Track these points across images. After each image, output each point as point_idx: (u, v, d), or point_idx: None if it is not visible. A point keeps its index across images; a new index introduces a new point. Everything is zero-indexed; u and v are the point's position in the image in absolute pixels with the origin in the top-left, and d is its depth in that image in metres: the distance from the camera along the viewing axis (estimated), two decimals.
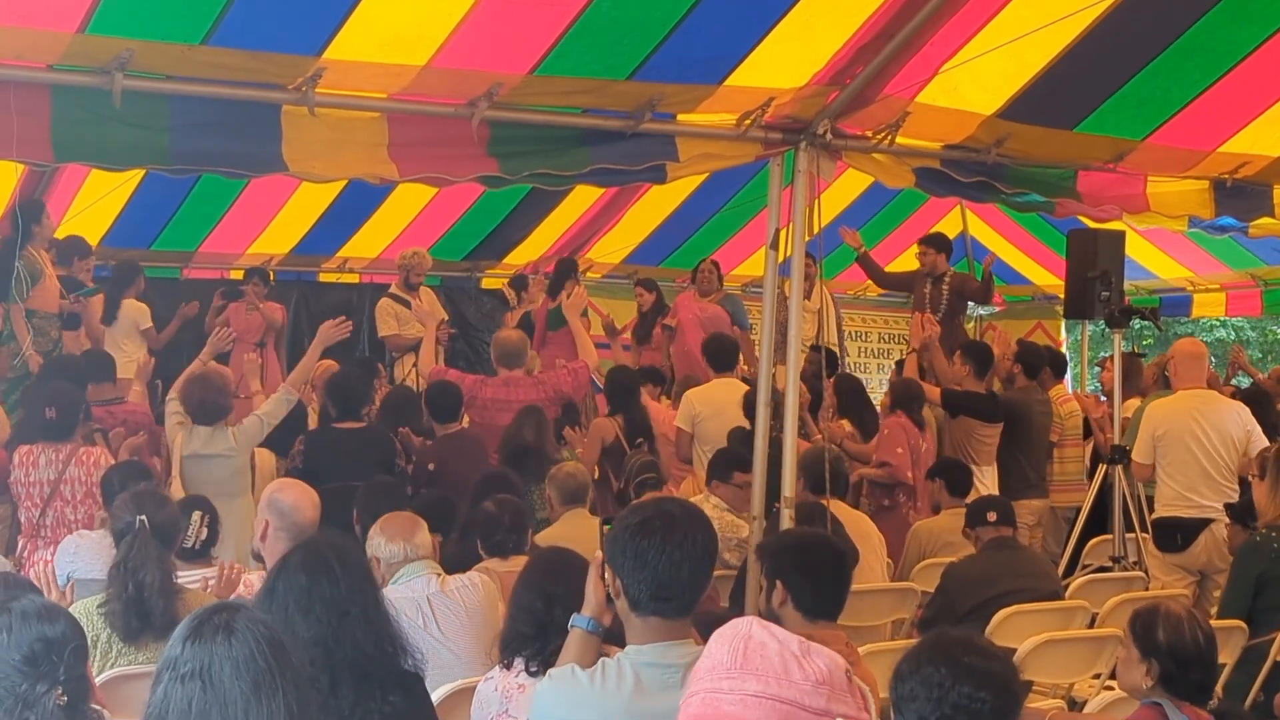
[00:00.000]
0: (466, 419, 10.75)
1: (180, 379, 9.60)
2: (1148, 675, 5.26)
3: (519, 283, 15.70)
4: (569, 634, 4.48)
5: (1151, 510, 10.36)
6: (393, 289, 14.49)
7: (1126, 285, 12.27)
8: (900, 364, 14.32)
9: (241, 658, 3.18)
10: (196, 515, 6.78)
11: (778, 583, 5.38)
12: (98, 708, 4.10)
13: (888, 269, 15.50)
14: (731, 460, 9.36)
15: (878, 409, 12.46)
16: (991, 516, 8.45)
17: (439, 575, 6.33)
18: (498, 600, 6.32)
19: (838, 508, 8.84)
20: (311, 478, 7.46)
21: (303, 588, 4.61)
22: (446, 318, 14.53)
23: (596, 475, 10.44)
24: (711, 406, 11.22)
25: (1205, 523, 9.71)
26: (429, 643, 5.95)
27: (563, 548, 5.56)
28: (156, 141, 7.28)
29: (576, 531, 7.83)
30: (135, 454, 9.24)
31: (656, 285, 15.49)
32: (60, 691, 3.75)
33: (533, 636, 4.99)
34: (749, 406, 10.56)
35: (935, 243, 14.30)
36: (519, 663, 4.99)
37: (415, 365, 13.24)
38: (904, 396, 11.65)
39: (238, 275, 15.06)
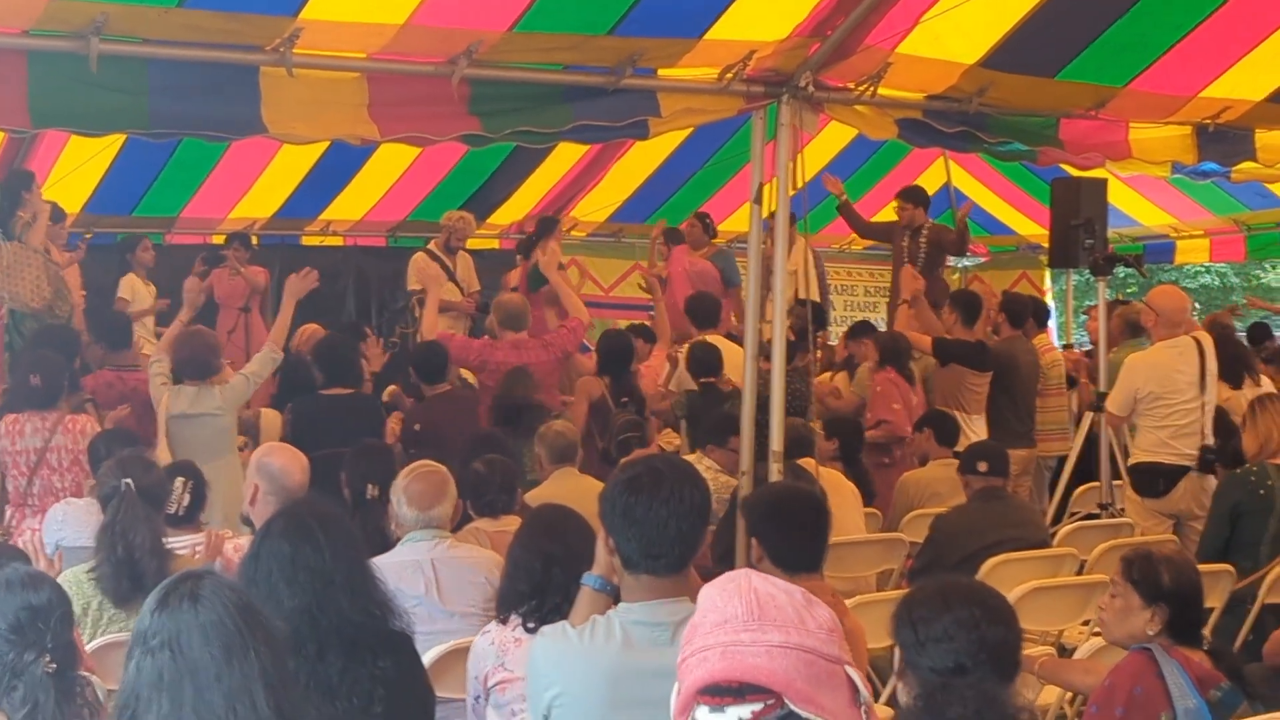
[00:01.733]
0: (475, 381, 10.74)
1: (164, 340, 9.56)
2: (1153, 621, 5.22)
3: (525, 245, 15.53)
4: (579, 592, 4.48)
5: (1126, 456, 10.39)
6: (431, 245, 14.26)
7: (1110, 233, 12.28)
8: (862, 323, 14.26)
9: (209, 624, 3.15)
10: (179, 481, 6.72)
11: (754, 540, 5.39)
12: (88, 674, 4.10)
13: (871, 221, 15.48)
14: (726, 424, 9.34)
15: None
16: (983, 466, 8.45)
17: (447, 540, 6.24)
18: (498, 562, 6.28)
19: (810, 465, 8.85)
20: (300, 445, 7.42)
21: (286, 556, 4.57)
22: (477, 289, 14.41)
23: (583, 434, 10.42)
24: None
25: (1185, 469, 9.74)
26: (430, 605, 5.96)
27: (561, 505, 5.53)
28: (135, 105, 7.25)
29: (566, 490, 7.82)
30: (121, 424, 9.21)
31: (681, 237, 15.22)
32: (49, 659, 3.74)
33: (529, 594, 4.99)
34: (693, 364, 10.58)
35: (913, 196, 14.28)
36: (515, 618, 4.99)
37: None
38: (892, 351, 11.62)
39: (220, 241, 15.02)
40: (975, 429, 11.41)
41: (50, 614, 3.80)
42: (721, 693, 2.53)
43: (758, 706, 2.51)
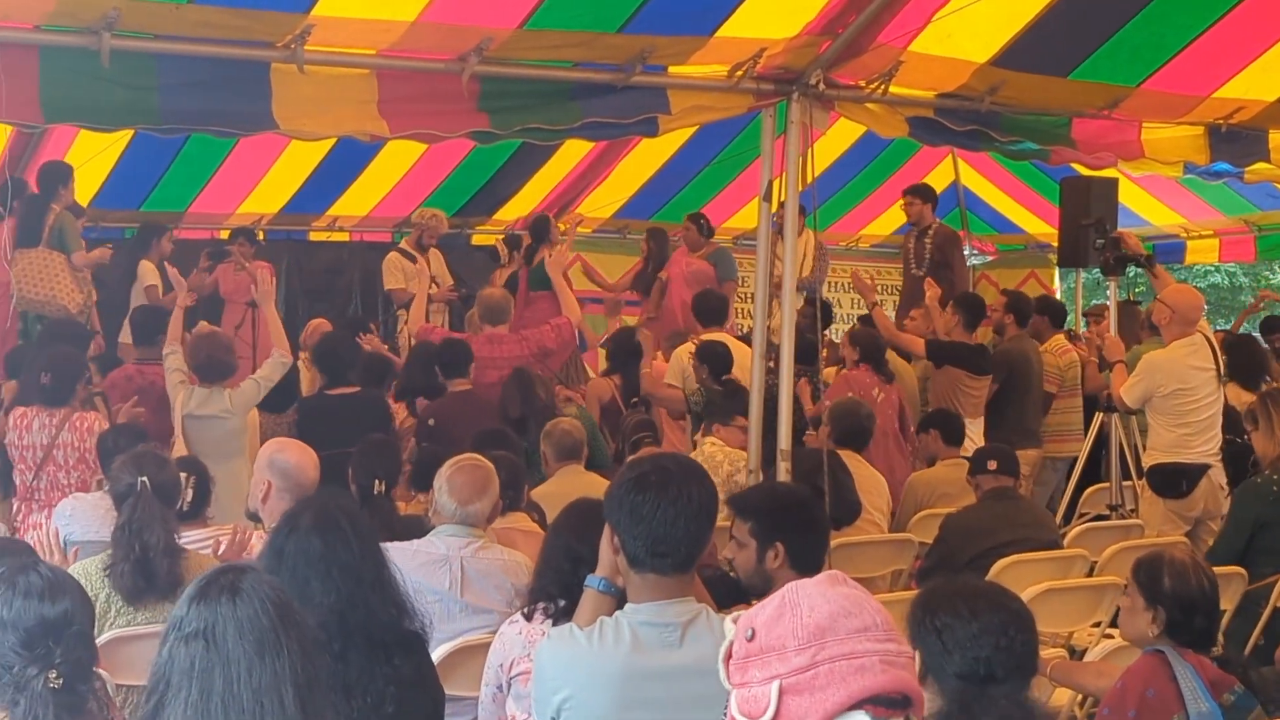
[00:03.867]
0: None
1: (174, 332, 9.52)
2: (1153, 623, 5.23)
3: (513, 241, 15.56)
4: (583, 594, 4.43)
5: (1137, 456, 10.35)
6: (403, 244, 14.45)
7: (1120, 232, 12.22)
8: (865, 317, 14.08)
9: (245, 618, 3.17)
10: (182, 477, 6.72)
11: (777, 544, 5.26)
12: (99, 672, 4.07)
13: (878, 220, 15.43)
14: (731, 404, 9.31)
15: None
16: (993, 465, 8.43)
17: (479, 540, 6.13)
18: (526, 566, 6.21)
19: (853, 459, 8.85)
20: (307, 444, 7.40)
21: (318, 552, 4.52)
22: (451, 283, 14.48)
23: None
24: None
25: (1204, 468, 9.68)
26: (451, 602, 5.92)
27: (593, 502, 5.45)
28: (145, 101, 7.26)
29: (571, 487, 7.79)
30: (132, 419, 9.20)
31: (663, 236, 15.18)
32: (55, 674, 3.70)
33: (557, 595, 4.94)
34: (709, 364, 10.53)
35: (921, 193, 14.22)
36: (538, 615, 4.95)
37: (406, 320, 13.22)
38: (869, 349, 11.45)
39: (227, 236, 14.98)
40: (972, 433, 11.31)
41: (64, 628, 3.76)
42: (890, 704, 2.51)
43: (909, 719, 2.53)
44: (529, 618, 4.98)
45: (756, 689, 2.52)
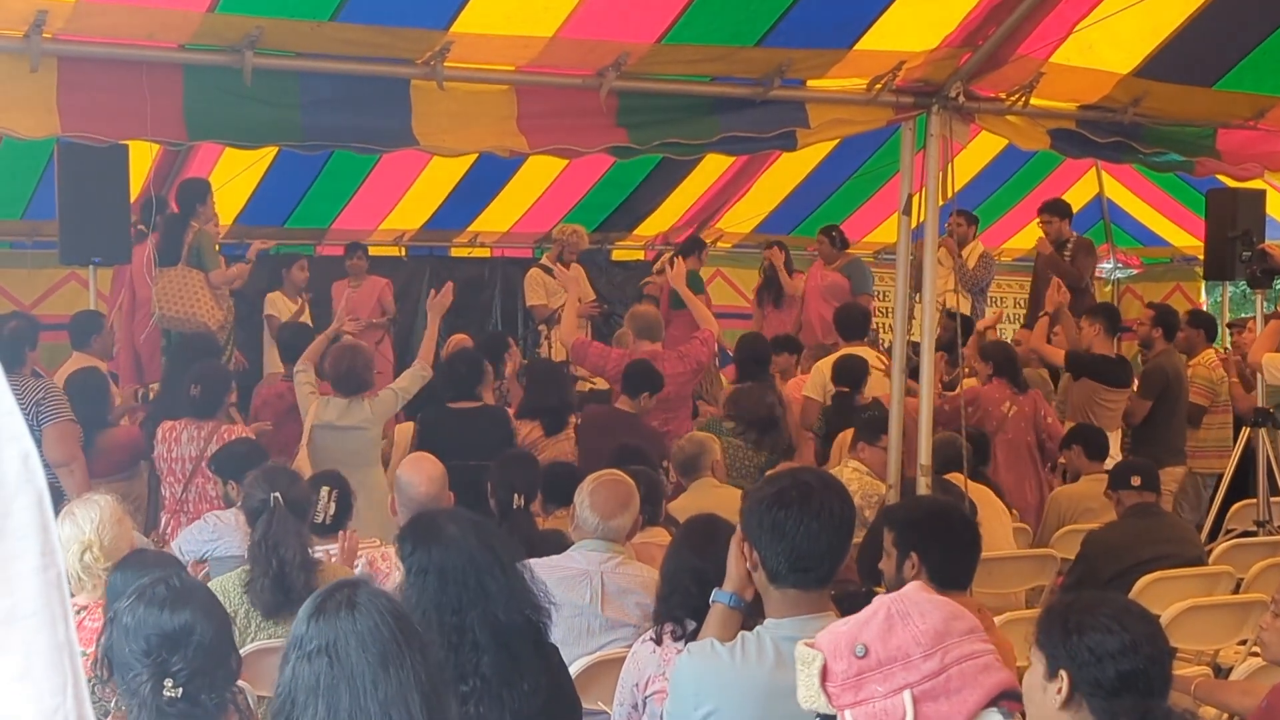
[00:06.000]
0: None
1: (311, 350, 9.60)
2: None
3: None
4: (710, 608, 4.41)
5: None
6: (544, 260, 14.51)
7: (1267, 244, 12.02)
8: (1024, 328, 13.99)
9: (366, 631, 3.20)
10: (324, 490, 6.78)
11: (912, 554, 5.29)
12: (241, 685, 4.12)
13: (1020, 234, 15.29)
14: (878, 422, 9.29)
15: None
16: (1136, 481, 8.32)
17: (620, 555, 6.11)
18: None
19: (958, 480, 8.77)
20: None
21: (422, 564, 4.51)
22: (594, 297, 14.56)
23: None
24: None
25: None
26: (592, 618, 5.92)
27: (711, 517, 5.42)
28: (288, 118, 7.37)
29: (706, 501, 7.79)
30: (261, 436, 9.28)
31: (783, 247, 15.11)
32: (172, 684, 3.74)
33: (685, 617, 4.92)
34: (836, 373, 10.48)
35: (1058, 209, 14.13)
36: (667, 638, 4.93)
37: (547, 336, 13.32)
38: (1002, 363, 11.31)
39: (373, 251, 15.17)
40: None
41: (183, 639, 3.79)
42: (1017, 698, 2.58)
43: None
44: (658, 640, 4.97)
45: (883, 702, 2.52)
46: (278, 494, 6.03)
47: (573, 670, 5.30)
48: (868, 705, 2.53)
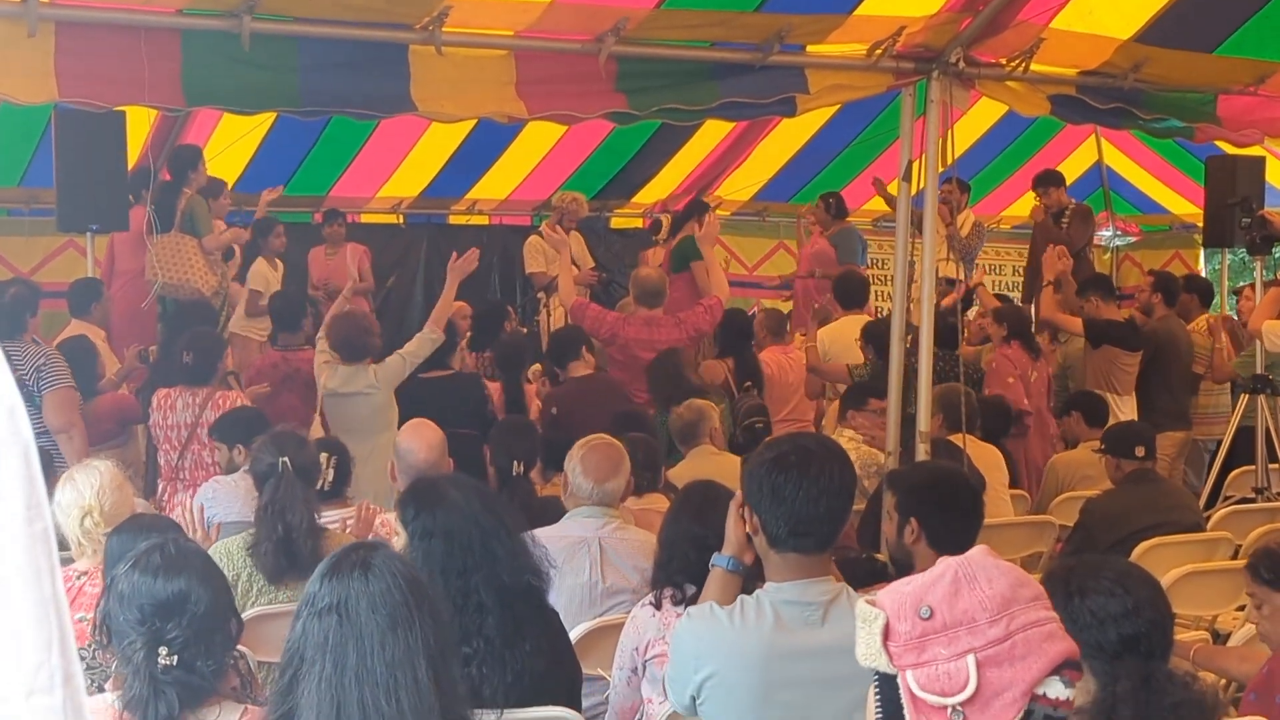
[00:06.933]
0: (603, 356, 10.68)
1: (327, 318, 9.64)
2: None
3: (655, 226, 15.52)
4: (710, 573, 4.43)
5: None
6: (543, 228, 14.42)
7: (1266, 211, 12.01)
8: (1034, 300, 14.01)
9: (378, 593, 3.24)
10: (323, 457, 6.79)
11: (912, 519, 5.29)
12: (241, 649, 4.11)
13: (1020, 201, 15.29)
14: (864, 389, 9.28)
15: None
16: (1139, 451, 8.31)
17: (616, 520, 6.16)
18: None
19: (968, 440, 8.76)
20: None
21: (425, 528, 4.54)
22: (592, 265, 14.53)
23: None
24: (839, 344, 11.12)
25: None
26: (593, 585, 5.93)
27: (709, 483, 5.43)
28: (286, 83, 7.34)
29: (705, 467, 7.80)
30: (257, 401, 9.27)
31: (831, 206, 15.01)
32: (167, 651, 3.73)
33: (685, 582, 4.93)
34: (866, 337, 10.48)
35: (1052, 179, 14.16)
36: (667, 603, 4.95)
37: (546, 303, 13.31)
38: (1016, 325, 11.39)
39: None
40: (1125, 409, 11.22)
41: (177, 607, 3.77)
42: (1078, 667, 2.54)
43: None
44: (657, 605, 4.98)
45: (946, 665, 2.49)
46: (286, 459, 6.03)
47: (573, 636, 5.30)
48: (930, 668, 2.51)
